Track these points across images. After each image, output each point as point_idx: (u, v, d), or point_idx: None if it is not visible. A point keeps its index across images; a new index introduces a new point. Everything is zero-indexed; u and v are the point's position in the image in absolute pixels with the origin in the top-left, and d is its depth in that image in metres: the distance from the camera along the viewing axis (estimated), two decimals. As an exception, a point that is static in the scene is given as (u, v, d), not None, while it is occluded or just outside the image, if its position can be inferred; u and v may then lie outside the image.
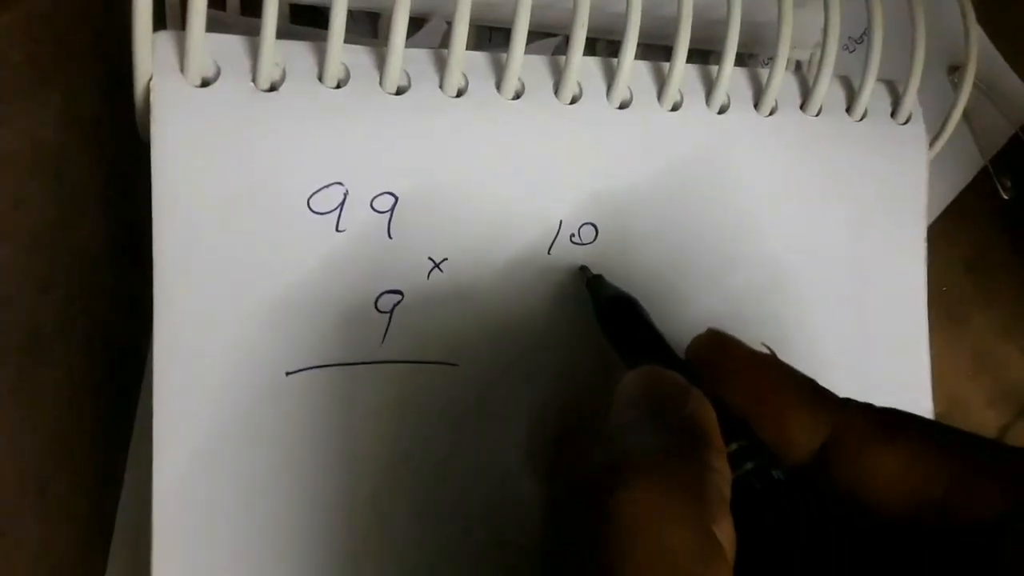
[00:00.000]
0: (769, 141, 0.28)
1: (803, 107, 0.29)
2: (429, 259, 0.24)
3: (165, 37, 0.23)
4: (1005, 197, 0.38)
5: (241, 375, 0.23)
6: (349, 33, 0.23)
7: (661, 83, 0.27)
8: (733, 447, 0.18)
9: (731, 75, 0.27)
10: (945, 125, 0.31)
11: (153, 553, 0.22)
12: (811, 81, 0.29)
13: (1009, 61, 0.39)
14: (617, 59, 0.26)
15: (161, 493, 0.22)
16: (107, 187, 0.29)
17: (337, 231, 0.24)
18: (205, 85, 0.23)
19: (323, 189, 0.23)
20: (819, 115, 0.29)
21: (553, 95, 0.26)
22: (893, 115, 0.30)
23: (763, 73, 0.28)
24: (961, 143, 0.38)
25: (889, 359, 0.30)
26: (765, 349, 0.20)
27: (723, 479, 0.17)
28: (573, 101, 0.26)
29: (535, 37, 0.30)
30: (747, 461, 0.18)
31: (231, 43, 0.23)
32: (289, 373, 0.23)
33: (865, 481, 0.18)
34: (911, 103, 0.30)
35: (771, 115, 0.28)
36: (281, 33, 0.23)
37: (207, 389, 0.22)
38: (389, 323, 0.24)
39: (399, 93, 0.24)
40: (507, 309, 0.25)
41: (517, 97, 0.25)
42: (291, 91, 0.23)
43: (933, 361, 0.30)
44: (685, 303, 0.27)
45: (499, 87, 0.25)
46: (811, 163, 0.29)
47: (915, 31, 0.29)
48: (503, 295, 0.25)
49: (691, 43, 0.26)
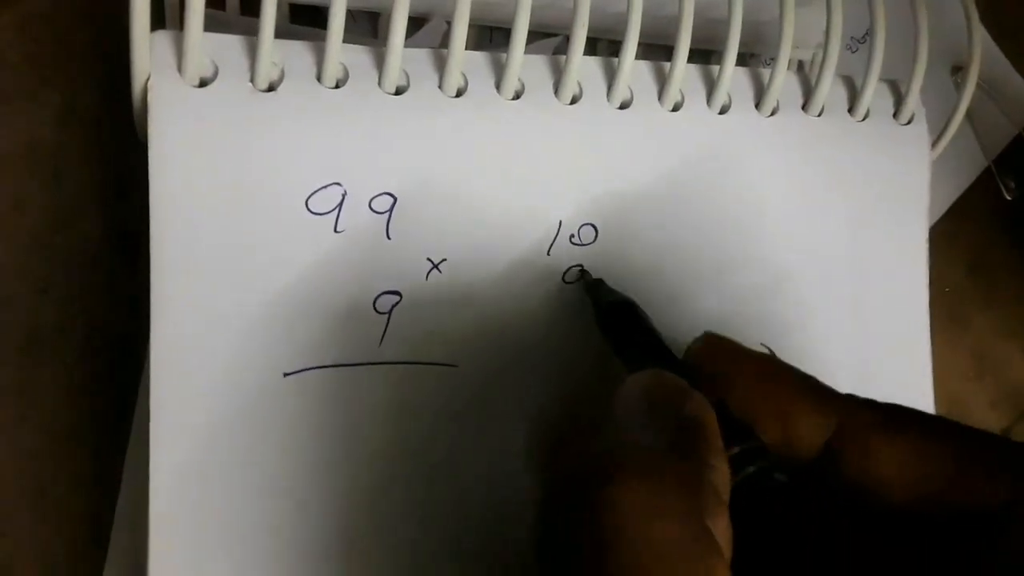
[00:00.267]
0: (771, 141, 0.28)
1: (805, 107, 0.29)
2: (428, 260, 0.24)
3: (163, 37, 0.23)
4: (1008, 198, 0.38)
5: (239, 376, 0.23)
6: (348, 33, 0.23)
7: (662, 83, 0.27)
8: (735, 450, 0.18)
9: (732, 75, 0.27)
10: (948, 126, 0.31)
11: (150, 553, 0.22)
12: (813, 81, 0.28)
13: (1012, 61, 0.38)
14: (618, 59, 0.26)
15: (158, 493, 0.22)
16: (106, 187, 0.29)
17: (335, 231, 0.24)
18: (203, 85, 0.23)
19: (321, 189, 0.23)
20: (821, 115, 0.29)
21: (553, 95, 0.26)
22: (895, 115, 0.30)
23: (765, 73, 0.28)
24: (964, 143, 0.38)
25: (890, 360, 0.30)
26: (764, 350, 0.20)
27: (721, 478, 0.17)
28: (573, 101, 0.26)
29: (535, 37, 0.30)
30: (750, 464, 0.18)
31: (229, 43, 0.23)
32: (287, 374, 0.23)
33: (870, 474, 0.19)
34: (914, 103, 0.30)
35: (773, 115, 0.28)
36: (280, 33, 0.23)
37: (205, 390, 0.22)
38: (388, 324, 0.24)
39: (398, 93, 0.24)
40: (506, 310, 0.25)
41: (517, 97, 0.25)
42: (289, 91, 0.23)
43: (934, 362, 0.30)
44: (685, 304, 0.27)
45: (499, 87, 0.25)
46: (813, 163, 0.28)
47: (918, 31, 0.29)
48: (502, 296, 0.25)
49: (692, 43, 0.26)
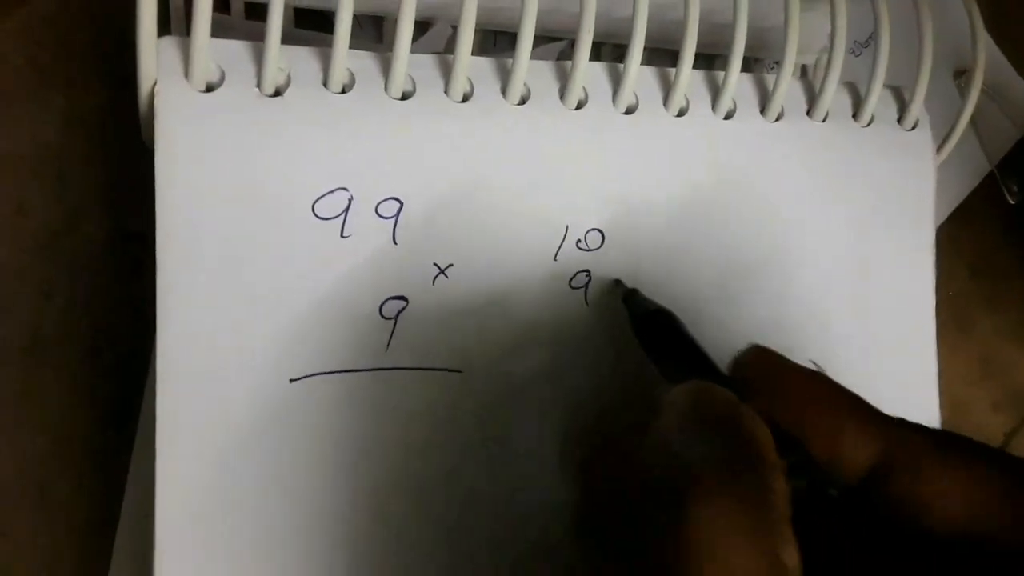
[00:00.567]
0: (776, 147, 0.28)
1: (809, 113, 0.29)
2: (434, 265, 0.24)
3: (169, 42, 0.23)
4: (1011, 202, 0.38)
5: (245, 381, 0.23)
6: (354, 38, 0.23)
7: (667, 88, 0.27)
8: (784, 463, 0.18)
9: (737, 81, 0.27)
10: (952, 131, 0.31)
11: (155, 558, 0.22)
12: (817, 87, 0.28)
13: (1016, 66, 0.38)
14: (623, 64, 0.26)
15: (164, 497, 0.22)
16: (110, 190, 0.29)
17: (342, 236, 0.24)
18: (209, 90, 0.23)
19: (328, 194, 0.23)
20: (825, 121, 0.29)
21: (559, 100, 0.26)
22: (900, 121, 0.30)
23: (769, 79, 0.28)
24: (967, 148, 0.38)
25: (896, 364, 0.30)
26: (812, 366, 0.20)
27: (783, 498, 0.17)
28: (579, 106, 0.26)
29: (540, 41, 0.30)
30: (800, 478, 0.18)
31: (235, 48, 0.23)
32: (293, 380, 0.23)
33: (917, 500, 0.18)
34: (918, 109, 0.30)
35: (777, 121, 0.28)
36: (286, 37, 0.23)
37: (210, 395, 0.22)
38: (394, 329, 0.24)
39: (404, 98, 0.24)
40: (513, 315, 0.25)
41: (523, 102, 0.25)
42: (296, 96, 0.23)
43: (939, 366, 0.30)
44: (691, 308, 0.27)
45: (505, 92, 0.25)
46: (818, 169, 0.28)
47: (922, 37, 0.29)
48: (509, 301, 0.25)
49: (697, 47, 0.26)
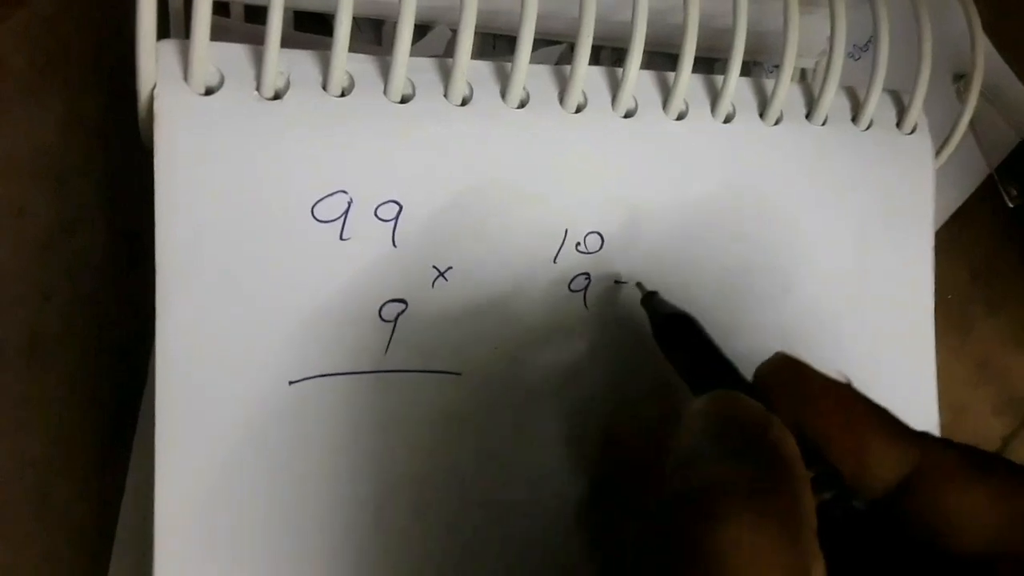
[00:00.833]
0: (775, 151, 0.28)
1: (809, 117, 0.29)
2: (434, 268, 0.24)
3: (169, 46, 0.23)
4: (1010, 205, 0.38)
5: (244, 383, 0.23)
6: (353, 41, 0.23)
7: (666, 92, 0.27)
8: (810, 475, 0.18)
9: (736, 85, 0.27)
10: (951, 135, 0.31)
11: (155, 560, 0.22)
12: (816, 91, 0.29)
13: (1015, 70, 0.38)
14: (622, 68, 0.26)
15: (163, 500, 0.22)
16: (109, 193, 0.29)
17: (341, 239, 0.24)
18: (209, 93, 0.23)
19: (327, 197, 0.23)
20: (825, 125, 0.29)
21: (558, 104, 0.26)
22: (899, 125, 0.30)
23: (768, 83, 0.28)
24: (966, 151, 0.38)
25: (895, 367, 0.30)
26: (841, 376, 0.19)
27: (811, 512, 0.17)
28: (578, 110, 0.26)
29: (539, 45, 0.30)
30: (825, 490, 0.18)
31: (235, 51, 0.23)
32: (292, 382, 0.23)
33: (943, 517, 0.18)
34: (917, 113, 0.30)
35: (777, 124, 0.28)
36: (285, 41, 0.23)
37: (209, 397, 0.22)
38: (393, 332, 0.24)
39: (404, 102, 0.24)
40: (512, 318, 0.25)
41: (522, 106, 0.25)
42: (295, 99, 0.23)
43: (938, 369, 0.30)
44: (690, 311, 0.27)
45: (504, 96, 0.25)
46: (817, 173, 0.29)
47: (921, 41, 0.29)
48: (508, 304, 0.25)
49: (696, 51, 0.26)
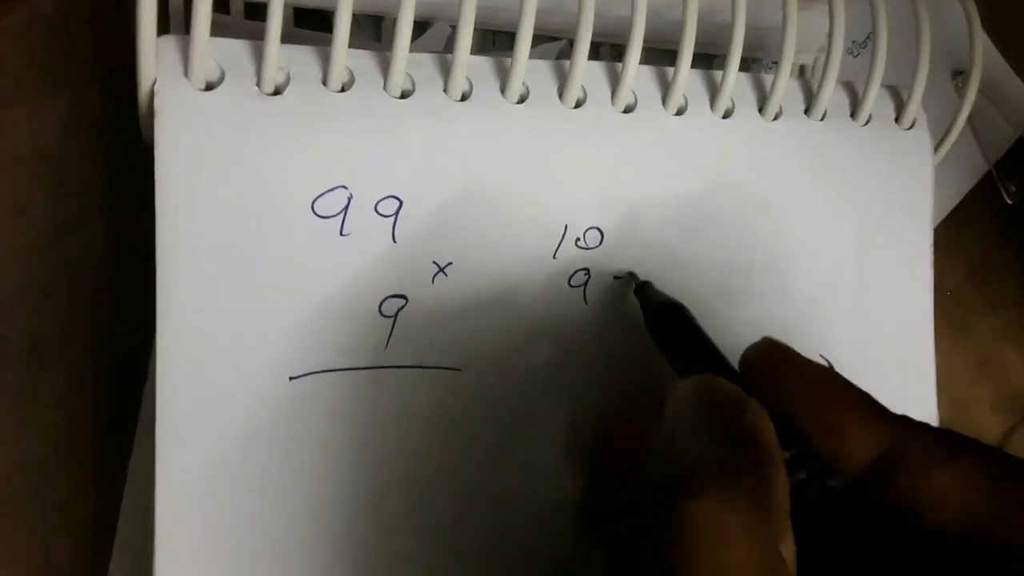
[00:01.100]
0: (774, 146, 0.28)
1: (807, 112, 0.29)
2: (434, 263, 0.24)
3: (169, 41, 0.23)
4: (1009, 202, 0.38)
5: (244, 380, 0.23)
6: (352, 37, 0.23)
7: (665, 87, 0.27)
8: (786, 455, 0.18)
9: (735, 80, 0.27)
10: (950, 130, 0.31)
11: (155, 559, 0.22)
12: (815, 86, 0.29)
13: (1013, 66, 0.39)
14: (621, 63, 0.26)
15: (163, 498, 0.22)
16: (110, 191, 0.29)
17: (341, 235, 0.24)
18: (209, 89, 0.23)
19: (327, 193, 0.23)
20: (823, 120, 0.29)
21: (558, 99, 0.26)
22: (897, 120, 0.30)
23: (767, 78, 0.28)
24: (965, 148, 0.38)
25: (894, 364, 0.30)
26: (823, 361, 0.20)
27: (784, 492, 0.17)
28: (578, 105, 0.26)
29: (539, 41, 0.30)
30: (801, 470, 0.18)
31: (235, 47, 0.23)
32: (292, 378, 0.23)
33: (917, 497, 0.18)
34: (915, 108, 0.30)
35: (776, 120, 0.28)
36: (285, 37, 0.23)
37: (210, 394, 0.22)
38: (393, 328, 0.24)
39: (403, 97, 0.24)
40: (511, 314, 0.25)
41: (521, 101, 0.25)
42: (295, 95, 0.23)
43: (937, 366, 0.30)
44: (690, 306, 0.27)
45: (503, 91, 0.25)
46: (816, 168, 0.29)
47: (919, 36, 0.29)
48: (508, 300, 0.25)
49: (695, 47, 0.26)
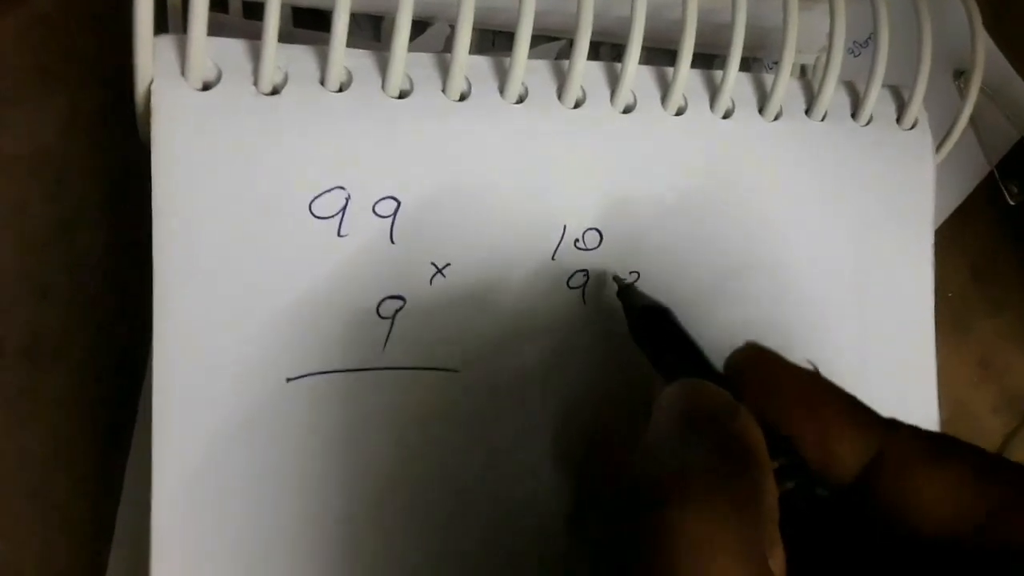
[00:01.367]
0: (774, 146, 0.28)
1: (808, 112, 0.29)
2: (432, 264, 0.24)
3: (166, 40, 0.22)
4: (1011, 203, 0.38)
5: (241, 381, 0.23)
6: (351, 37, 0.23)
7: (665, 88, 0.27)
8: (775, 464, 0.18)
9: (736, 80, 0.27)
10: (951, 131, 0.30)
11: (152, 559, 0.22)
12: (816, 86, 0.28)
13: (1015, 66, 0.38)
14: (620, 63, 0.26)
15: (161, 498, 0.22)
16: (109, 191, 0.29)
17: (339, 236, 0.23)
18: (206, 88, 0.23)
19: (325, 193, 0.23)
20: (824, 120, 0.29)
21: (557, 99, 0.26)
22: (899, 120, 0.30)
23: (768, 78, 0.28)
24: (967, 150, 0.38)
25: (895, 365, 0.29)
26: (808, 365, 0.19)
27: (773, 501, 0.17)
28: (577, 105, 0.26)
29: (538, 41, 0.30)
30: (789, 479, 0.18)
31: (232, 46, 0.23)
32: (290, 379, 0.23)
33: (907, 503, 0.18)
34: (917, 109, 0.30)
35: (776, 120, 0.28)
36: (283, 36, 0.23)
37: (207, 395, 0.22)
38: (391, 329, 0.24)
39: (402, 97, 0.24)
40: (510, 315, 0.25)
41: (520, 101, 0.25)
42: (293, 95, 0.23)
43: (938, 367, 0.30)
44: (689, 309, 0.27)
45: (502, 91, 0.25)
46: (817, 168, 0.28)
47: (921, 36, 0.29)
48: (506, 301, 0.25)
49: (695, 47, 0.26)
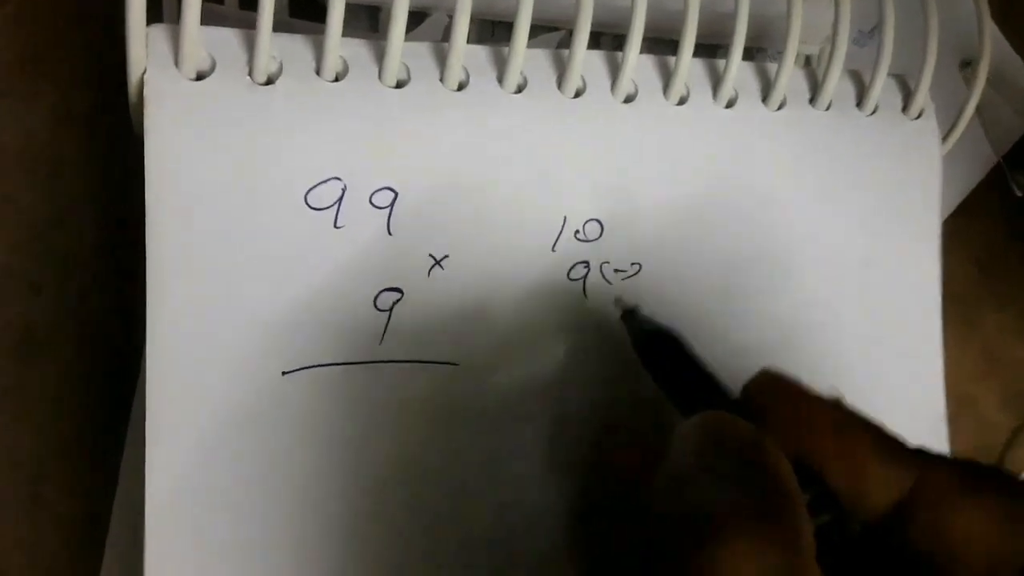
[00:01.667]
0: (778, 136, 0.28)
1: (812, 102, 0.28)
2: (430, 256, 0.24)
3: (159, 30, 0.22)
4: (1018, 195, 0.38)
5: (237, 375, 0.22)
6: (348, 28, 0.23)
7: (667, 77, 0.26)
8: (806, 497, 0.17)
9: (739, 69, 0.27)
10: (957, 121, 0.30)
11: (146, 555, 0.21)
12: (821, 75, 0.28)
13: (1022, 56, 0.38)
14: (621, 53, 0.25)
15: (155, 495, 0.22)
16: (101, 185, 0.28)
17: (335, 227, 0.23)
18: (200, 78, 0.22)
19: (321, 184, 0.23)
20: (829, 109, 0.28)
21: (556, 89, 0.25)
22: (904, 110, 0.29)
23: (771, 67, 0.28)
24: (973, 140, 0.37)
25: (901, 359, 0.29)
26: (832, 392, 0.19)
27: (810, 537, 0.16)
28: (577, 95, 0.25)
29: (537, 31, 0.30)
30: (822, 513, 0.17)
31: (226, 36, 0.23)
32: (285, 373, 0.23)
33: (942, 540, 0.17)
34: (923, 98, 0.29)
35: (780, 109, 0.28)
36: (279, 27, 0.23)
37: (202, 389, 0.22)
38: (388, 322, 0.24)
39: (399, 87, 0.24)
40: (509, 307, 0.25)
41: (519, 91, 0.25)
42: (288, 84, 0.23)
43: (944, 362, 0.30)
44: (691, 301, 0.27)
45: (501, 81, 0.25)
46: (821, 158, 0.28)
47: (927, 25, 0.28)
48: (505, 293, 0.25)
49: (698, 37, 0.26)
